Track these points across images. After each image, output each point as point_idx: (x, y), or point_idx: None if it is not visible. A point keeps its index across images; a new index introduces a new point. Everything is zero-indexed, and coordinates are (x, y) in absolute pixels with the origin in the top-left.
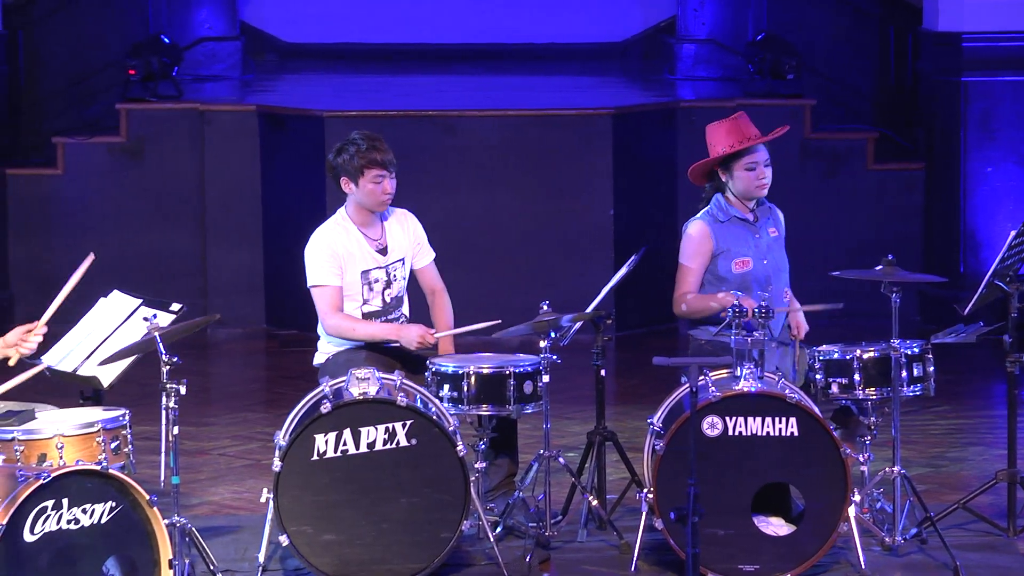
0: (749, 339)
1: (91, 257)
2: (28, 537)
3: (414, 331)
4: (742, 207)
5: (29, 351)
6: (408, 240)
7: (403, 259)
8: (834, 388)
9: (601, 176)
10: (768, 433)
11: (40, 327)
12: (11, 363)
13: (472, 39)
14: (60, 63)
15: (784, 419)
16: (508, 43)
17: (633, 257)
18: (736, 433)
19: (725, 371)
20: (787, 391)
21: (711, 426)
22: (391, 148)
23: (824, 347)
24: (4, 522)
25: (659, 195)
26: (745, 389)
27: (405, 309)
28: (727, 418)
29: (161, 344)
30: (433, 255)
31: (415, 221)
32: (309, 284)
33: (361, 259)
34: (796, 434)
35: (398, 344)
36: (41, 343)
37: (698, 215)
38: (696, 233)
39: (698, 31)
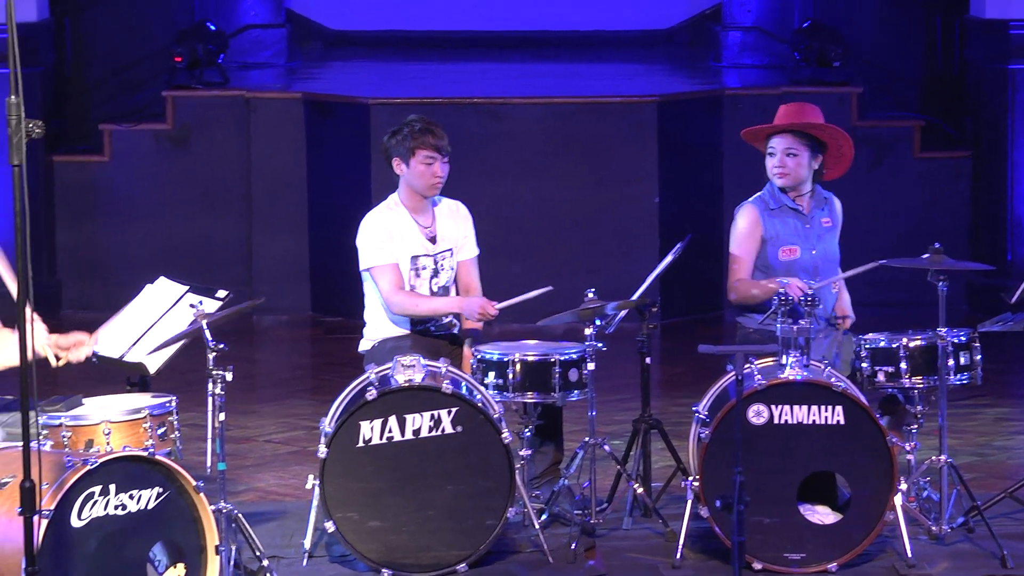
0: (795, 327)
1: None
2: (75, 522)
3: (476, 303)
4: (793, 196)
5: (78, 360)
6: (458, 231)
7: (451, 249)
8: (880, 376)
9: (646, 164)
10: (814, 421)
11: (91, 343)
12: (59, 363)
13: (518, 26)
14: (106, 51)
15: (830, 407)
16: (554, 30)
17: (678, 245)
18: (782, 421)
19: (771, 359)
20: (833, 379)
21: (757, 414)
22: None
23: (870, 335)
24: (52, 507)
25: (704, 183)
26: (791, 377)
27: None
28: (773, 406)
29: (207, 331)
30: (476, 253)
31: (466, 213)
32: (365, 266)
33: (411, 244)
34: (842, 422)
35: (454, 329)
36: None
37: (748, 200)
38: (745, 220)
39: (744, 18)
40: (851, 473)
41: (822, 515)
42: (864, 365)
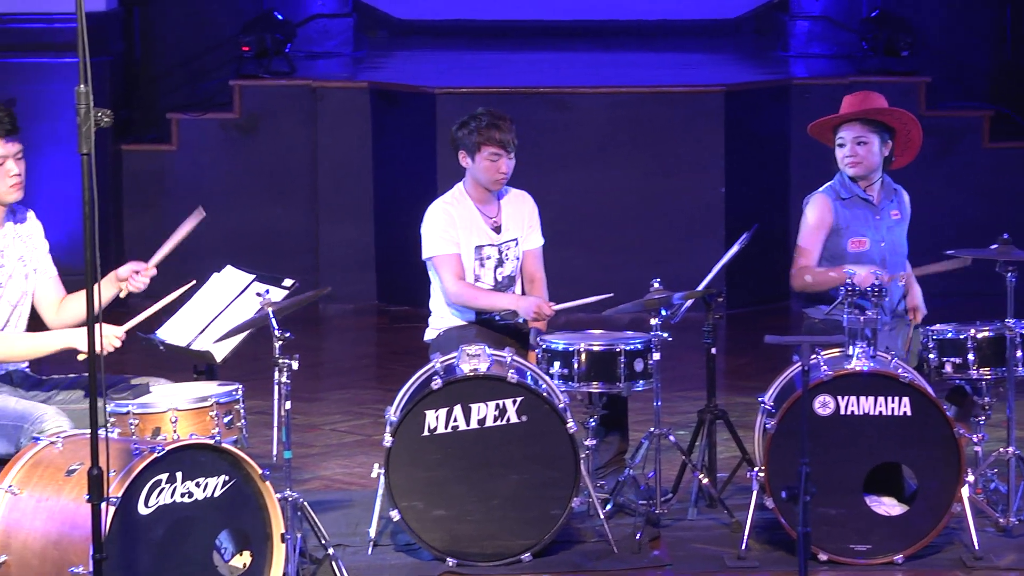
0: (862, 318)
1: (200, 213)
2: (142, 510)
3: (532, 302)
4: (864, 185)
5: (137, 289)
6: (523, 221)
7: (516, 239)
8: (948, 368)
9: (713, 154)
10: (880, 413)
11: (150, 268)
12: (122, 295)
13: (585, 16)
14: (175, 40)
15: (897, 399)
16: (621, 20)
17: (744, 235)
18: (848, 412)
19: (837, 350)
20: (900, 370)
21: (823, 405)
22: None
23: (938, 326)
24: (119, 495)
25: (771, 173)
26: (857, 368)
27: (517, 290)
28: (839, 397)
29: (274, 319)
30: (541, 242)
31: (532, 204)
32: (427, 255)
33: (476, 234)
34: (909, 414)
35: (515, 319)
36: (155, 318)
37: (820, 189)
38: (816, 208)
39: (811, 7)
40: (918, 464)
41: (888, 506)
42: (931, 356)
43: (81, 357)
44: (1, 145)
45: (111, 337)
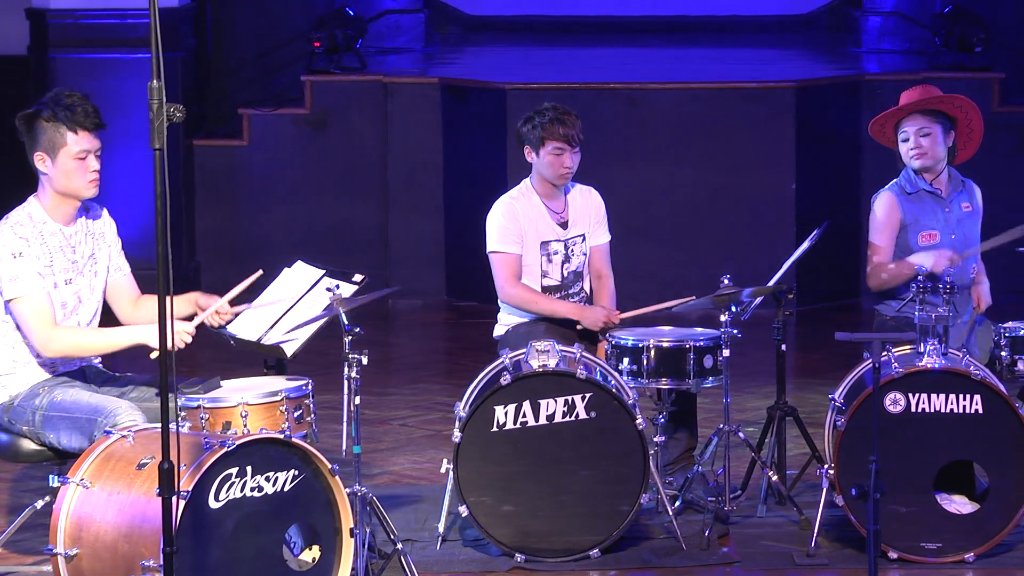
0: (933, 315)
1: (259, 273)
2: (213, 504)
3: (600, 313)
4: (930, 178)
5: (214, 324)
6: (590, 217)
7: (583, 235)
8: (1020, 365)
9: (784, 150)
10: (952, 410)
11: (230, 311)
12: (195, 321)
13: (655, 11)
14: (246, 36)
15: (968, 396)
16: (691, 15)
17: (815, 231)
18: (919, 410)
19: (908, 347)
20: (971, 368)
21: (894, 402)
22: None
23: (1011, 324)
24: (190, 489)
25: (843, 169)
26: (929, 365)
27: (585, 286)
28: (910, 394)
29: (344, 315)
30: (608, 238)
31: (599, 199)
32: (488, 250)
33: (542, 230)
34: (980, 411)
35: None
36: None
37: (886, 187)
38: (883, 205)
39: (884, 3)
40: (989, 462)
41: (959, 505)
42: (1003, 354)
43: (154, 355)
44: (87, 139)
45: (182, 332)
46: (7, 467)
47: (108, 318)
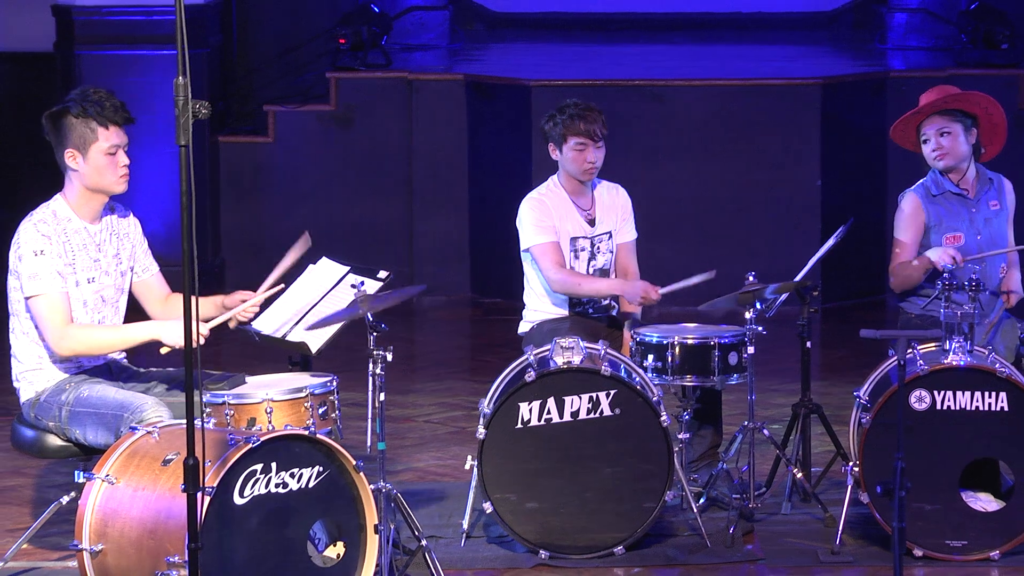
0: (959, 312)
1: (307, 240)
2: (238, 500)
3: (639, 286)
4: (956, 179)
5: (245, 319)
6: (617, 214)
7: (610, 233)
8: None
9: (809, 147)
10: (977, 408)
11: (258, 297)
12: (231, 325)
13: (680, 8)
14: (272, 33)
15: (994, 394)
16: (717, 12)
17: (841, 228)
18: (944, 407)
19: (934, 344)
20: (997, 365)
21: (919, 400)
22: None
23: None
24: (215, 485)
25: (868, 166)
26: (954, 363)
27: None
28: (935, 392)
29: (368, 311)
30: (634, 236)
31: (625, 196)
32: (526, 246)
33: (570, 226)
34: (1006, 409)
35: (612, 311)
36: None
37: (911, 188)
38: (908, 207)
39: (910, 0)
40: (1014, 460)
41: (985, 502)
42: None
43: (164, 350)
44: (116, 134)
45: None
46: (33, 463)
47: (138, 317)
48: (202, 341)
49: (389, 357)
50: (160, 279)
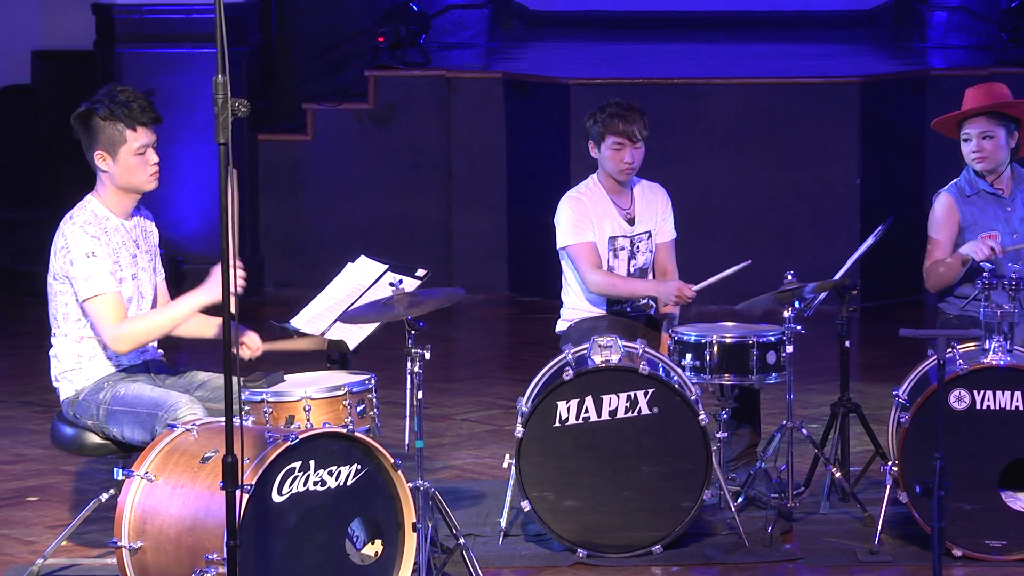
0: (999, 312)
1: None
2: (276, 498)
3: (672, 286)
4: (991, 179)
5: (243, 356)
6: (656, 214)
7: (649, 232)
8: None
9: (848, 145)
10: (1017, 407)
11: (257, 351)
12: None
13: (719, 6)
14: (311, 31)
15: None
16: (756, 10)
17: (880, 227)
18: (984, 407)
19: (973, 344)
20: None
21: (958, 399)
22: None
23: None
24: (253, 482)
25: (907, 165)
26: (994, 362)
27: None
28: (975, 391)
29: (408, 314)
30: (673, 236)
31: (665, 196)
32: (562, 245)
33: (609, 226)
34: None
35: (650, 310)
36: (290, 306)
37: (945, 188)
38: (941, 207)
39: None
40: None
41: None
42: None
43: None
44: (145, 133)
45: (253, 343)
46: (72, 460)
47: None
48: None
49: (427, 355)
50: (164, 287)
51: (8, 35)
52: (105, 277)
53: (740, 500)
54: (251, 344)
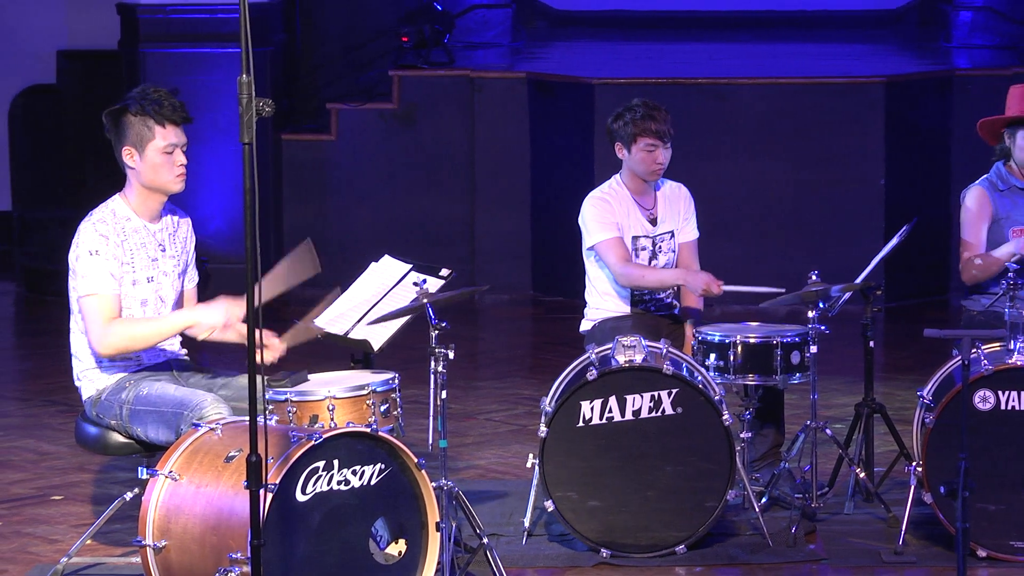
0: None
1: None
2: (300, 497)
3: (702, 277)
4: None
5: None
6: (679, 213)
7: (672, 232)
8: None
9: (873, 145)
10: None
11: (281, 347)
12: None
13: (743, 6)
14: (335, 31)
15: None
16: (780, 10)
17: (904, 227)
18: (1009, 407)
19: (998, 344)
20: None
21: (983, 400)
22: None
23: None
24: (277, 482)
25: (932, 165)
26: (1019, 363)
27: None
28: (1000, 392)
29: (430, 309)
30: (696, 235)
31: (688, 196)
32: (591, 243)
33: (632, 225)
34: None
35: (674, 309)
36: (313, 305)
37: (976, 182)
38: (974, 199)
39: None
40: None
41: None
42: None
43: (202, 335)
44: (174, 133)
45: (274, 349)
46: (97, 459)
47: None
48: (274, 359)
49: (451, 355)
50: (193, 292)
51: (33, 35)
52: (103, 277)
53: (764, 500)
54: (272, 346)
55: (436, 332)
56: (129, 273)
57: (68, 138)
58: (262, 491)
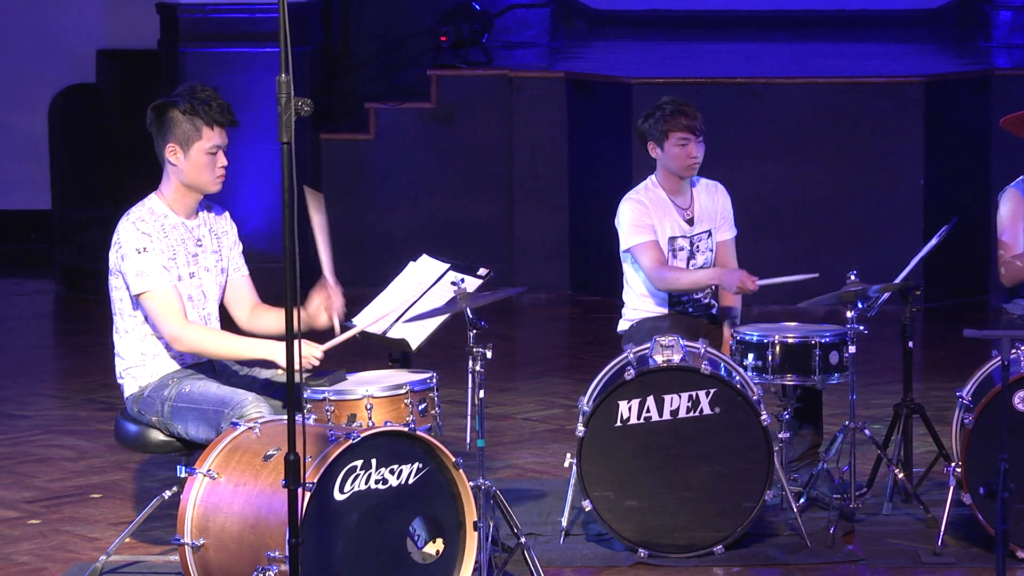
0: None
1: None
2: (338, 496)
3: (736, 274)
4: None
5: (337, 309)
6: (716, 213)
7: (709, 231)
8: None
9: (912, 145)
10: None
11: (337, 312)
12: (327, 324)
13: (782, 5)
14: (373, 30)
15: None
16: (818, 9)
17: (944, 228)
18: None
19: None
20: None
21: (1023, 400)
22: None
23: None
24: (315, 481)
25: (972, 165)
26: None
27: None
28: None
29: (468, 309)
30: (734, 233)
31: (725, 194)
32: (626, 247)
33: (669, 225)
34: None
35: (712, 309)
36: (351, 305)
37: (1010, 184)
38: (1008, 202)
39: None
40: None
41: None
42: None
43: (279, 373)
44: (219, 135)
45: (310, 357)
46: (136, 457)
47: (225, 321)
48: (316, 362)
49: (489, 354)
50: (249, 283)
51: (73, 34)
52: (158, 272)
53: (802, 501)
54: (311, 352)
55: (474, 331)
56: (174, 269)
57: (108, 137)
58: (300, 490)
